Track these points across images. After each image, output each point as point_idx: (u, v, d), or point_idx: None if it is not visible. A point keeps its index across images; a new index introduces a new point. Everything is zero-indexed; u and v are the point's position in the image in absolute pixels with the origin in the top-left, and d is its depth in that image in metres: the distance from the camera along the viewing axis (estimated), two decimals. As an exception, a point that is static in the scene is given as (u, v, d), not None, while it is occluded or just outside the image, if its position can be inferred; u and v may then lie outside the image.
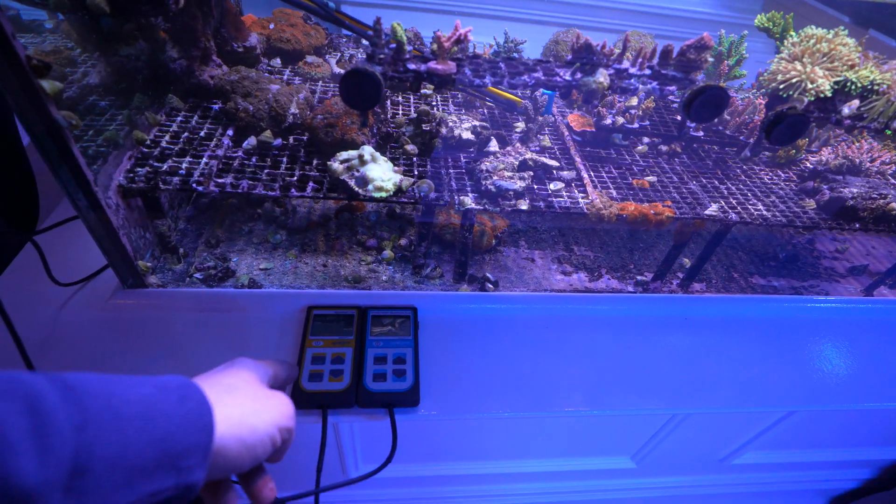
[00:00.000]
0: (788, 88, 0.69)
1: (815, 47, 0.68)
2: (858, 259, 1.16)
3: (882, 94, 0.68)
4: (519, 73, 0.68)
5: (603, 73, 0.66)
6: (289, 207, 1.05)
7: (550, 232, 1.13)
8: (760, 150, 0.91)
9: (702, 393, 0.91)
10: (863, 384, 0.96)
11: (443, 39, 0.64)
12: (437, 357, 0.85)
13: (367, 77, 0.58)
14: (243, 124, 0.85)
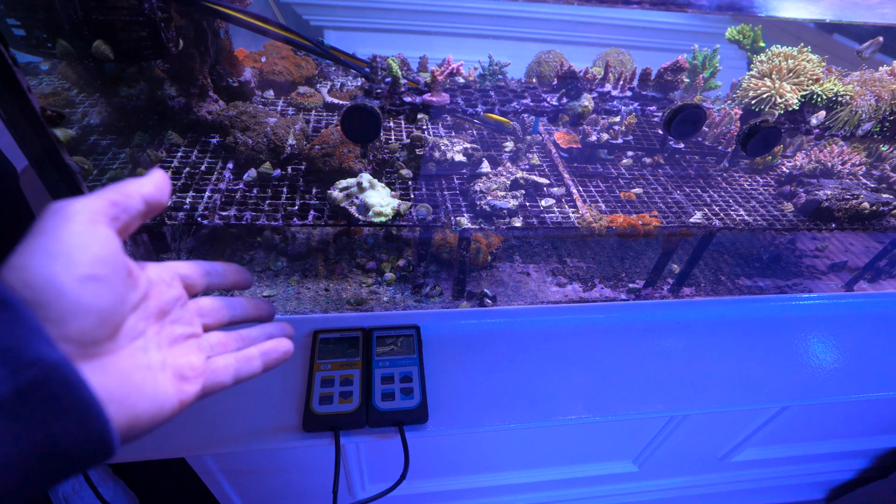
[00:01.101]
0: (760, 103, 0.74)
1: (782, 64, 0.74)
2: (838, 256, 1.21)
3: (846, 105, 0.74)
4: (509, 101, 0.72)
5: (587, 97, 0.71)
6: (288, 235, 1.07)
7: (543, 246, 1.17)
8: (738, 161, 0.96)
9: (698, 393, 0.94)
10: (851, 376, 1.00)
11: (436, 73, 0.68)
12: (441, 373, 0.87)
13: (368, 113, 0.61)
14: (243, 157, 0.88)
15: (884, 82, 0.75)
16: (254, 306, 0.46)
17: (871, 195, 0.96)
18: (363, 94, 0.67)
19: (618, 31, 1.71)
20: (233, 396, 0.80)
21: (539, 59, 1.29)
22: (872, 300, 1.13)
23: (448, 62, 0.69)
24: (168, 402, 0.34)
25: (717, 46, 1.16)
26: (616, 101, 0.72)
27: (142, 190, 0.34)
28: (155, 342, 0.35)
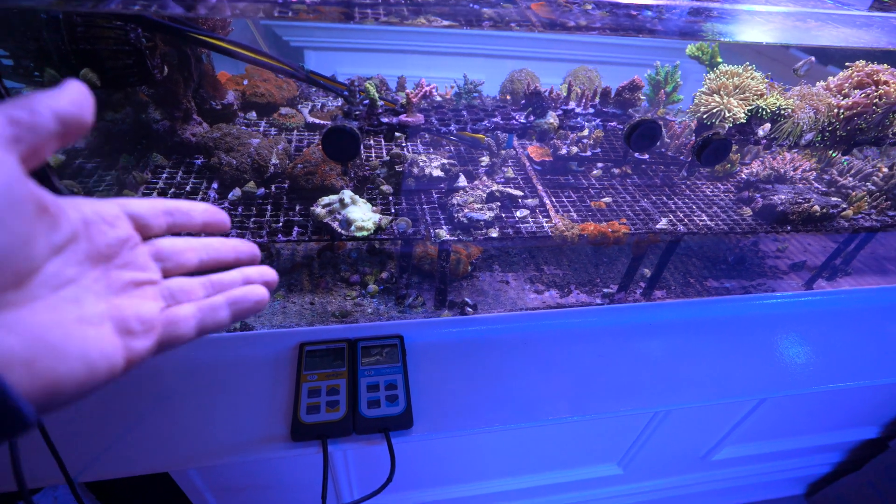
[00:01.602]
0: (711, 117, 0.80)
1: (729, 82, 0.80)
2: (797, 256, 1.28)
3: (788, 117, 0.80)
4: (480, 119, 0.77)
5: (553, 114, 0.76)
6: (273, 251, 1.10)
7: (521, 255, 1.22)
8: (695, 171, 1.02)
9: (677, 390, 0.99)
10: (820, 369, 1.06)
11: (411, 95, 0.72)
12: (426, 381, 0.90)
13: (347, 133, 0.65)
14: (228, 177, 0.91)
15: (820, 96, 0.82)
16: (231, 247, 0.39)
17: (821, 199, 1.04)
18: (343, 116, 0.71)
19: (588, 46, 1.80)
20: (219, 408, 0.81)
21: (512, 77, 1.35)
22: (830, 297, 1.20)
23: (421, 85, 0.74)
24: (106, 360, 0.28)
25: (678, 63, 1.24)
26: (580, 118, 0.78)
27: (53, 105, 0.27)
28: (94, 291, 0.30)
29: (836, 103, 0.80)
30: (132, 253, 0.33)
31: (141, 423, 0.78)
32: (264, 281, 0.39)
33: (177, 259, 0.36)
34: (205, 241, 0.38)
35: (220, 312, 0.35)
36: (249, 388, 0.85)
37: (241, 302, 0.36)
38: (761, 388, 1.02)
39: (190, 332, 0.34)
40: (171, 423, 0.79)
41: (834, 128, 0.81)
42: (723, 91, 0.80)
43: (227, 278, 0.37)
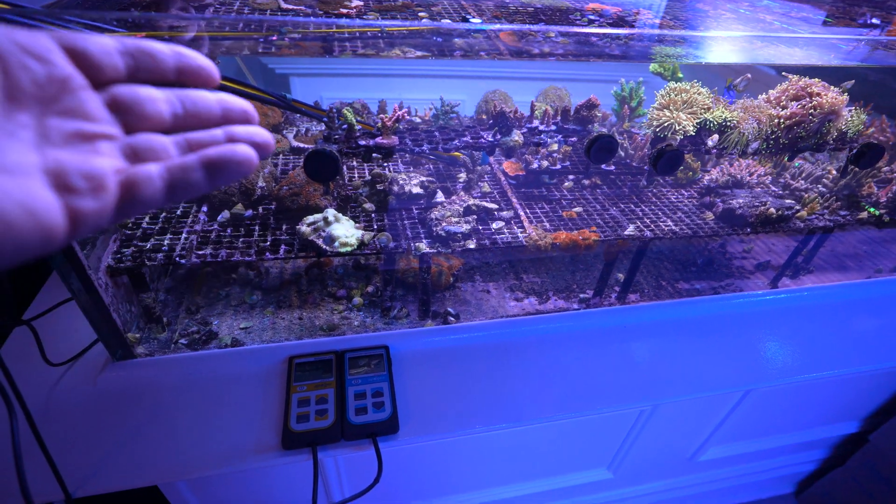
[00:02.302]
0: (663, 130, 0.87)
1: (677, 97, 0.88)
2: (763, 256, 1.35)
3: (734, 128, 0.88)
4: (451, 139, 0.83)
5: (517, 132, 0.82)
6: (262, 269, 1.14)
7: (501, 265, 1.27)
8: (653, 180, 1.09)
9: (658, 388, 1.03)
10: (793, 361, 1.12)
11: (385, 120, 0.79)
12: (411, 388, 0.94)
13: (327, 156, 0.71)
14: (217, 201, 0.96)
15: (761, 108, 0.90)
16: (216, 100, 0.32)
17: (776, 201, 1.11)
18: (323, 140, 0.77)
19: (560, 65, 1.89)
20: (212, 422, 0.85)
21: (486, 97, 1.43)
22: (797, 295, 1.27)
23: (395, 110, 0.80)
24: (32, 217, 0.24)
25: (641, 79, 1.32)
26: (543, 135, 0.84)
27: None
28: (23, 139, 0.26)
29: (775, 114, 0.88)
30: (77, 98, 0.28)
31: (136, 438, 0.81)
32: (253, 141, 0.32)
33: (141, 110, 0.30)
34: (181, 91, 0.32)
35: (194, 173, 0.29)
36: (241, 401, 0.89)
37: (219, 161, 0.30)
38: (740, 381, 1.08)
39: (154, 193, 0.28)
40: (165, 437, 0.82)
41: (776, 136, 0.89)
42: (672, 106, 0.88)
43: (206, 136, 0.31)
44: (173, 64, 0.31)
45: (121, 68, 0.29)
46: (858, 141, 0.94)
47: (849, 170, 1.03)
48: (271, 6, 1.05)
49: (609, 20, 1.12)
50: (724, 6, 1.43)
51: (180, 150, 0.30)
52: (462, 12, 1.10)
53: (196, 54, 0.32)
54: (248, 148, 0.31)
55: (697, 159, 1.17)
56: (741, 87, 0.88)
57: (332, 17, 1.00)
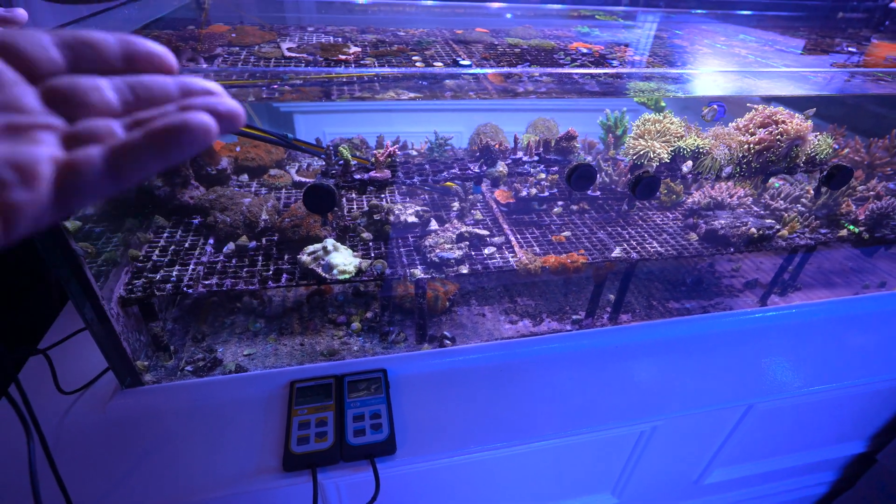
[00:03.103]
0: (640, 158, 0.93)
1: (651, 127, 0.94)
2: (750, 274, 1.39)
3: (707, 154, 0.93)
4: (440, 171, 0.89)
5: (502, 164, 0.88)
6: (265, 298, 1.19)
7: (496, 289, 1.31)
8: (634, 205, 1.14)
9: (656, 406, 1.05)
10: (792, 376, 1.14)
11: (378, 155, 0.85)
12: (408, 410, 0.97)
13: (324, 190, 0.76)
14: (222, 233, 1.02)
15: (731, 135, 0.96)
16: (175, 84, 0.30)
17: (757, 221, 1.15)
18: (321, 175, 0.83)
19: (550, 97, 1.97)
20: (215, 446, 0.88)
21: (479, 130, 1.50)
22: (785, 312, 1.30)
23: (387, 146, 0.87)
24: None
25: (625, 109, 1.40)
26: (526, 165, 0.90)
27: None
28: None
29: (745, 140, 0.94)
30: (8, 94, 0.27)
31: (142, 464, 0.84)
32: (215, 110, 0.28)
33: (83, 100, 0.28)
34: (133, 77, 0.29)
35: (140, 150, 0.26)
36: (244, 425, 0.92)
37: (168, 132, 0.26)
38: (737, 397, 1.10)
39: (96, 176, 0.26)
40: (170, 462, 0.85)
41: (748, 161, 0.94)
42: (647, 135, 0.94)
43: (157, 112, 0.28)
44: (119, 52, 0.29)
45: (59, 61, 0.28)
46: (828, 163, 1.00)
47: (822, 191, 1.08)
48: (275, 55, 1.13)
49: (591, 59, 1.19)
50: (702, 41, 1.52)
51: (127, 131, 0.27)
52: (453, 55, 1.18)
53: (147, 40, 0.30)
54: (203, 115, 0.27)
55: (681, 183, 1.23)
56: (709, 117, 0.95)
57: (332, 62, 1.09)
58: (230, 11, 1.65)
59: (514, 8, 2.09)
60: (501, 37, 1.47)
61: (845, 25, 1.99)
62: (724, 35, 1.67)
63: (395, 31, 1.51)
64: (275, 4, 2.05)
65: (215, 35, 1.24)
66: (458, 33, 1.48)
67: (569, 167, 0.88)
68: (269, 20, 1.71)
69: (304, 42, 1.28)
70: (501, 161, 0.89)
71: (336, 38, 1.35)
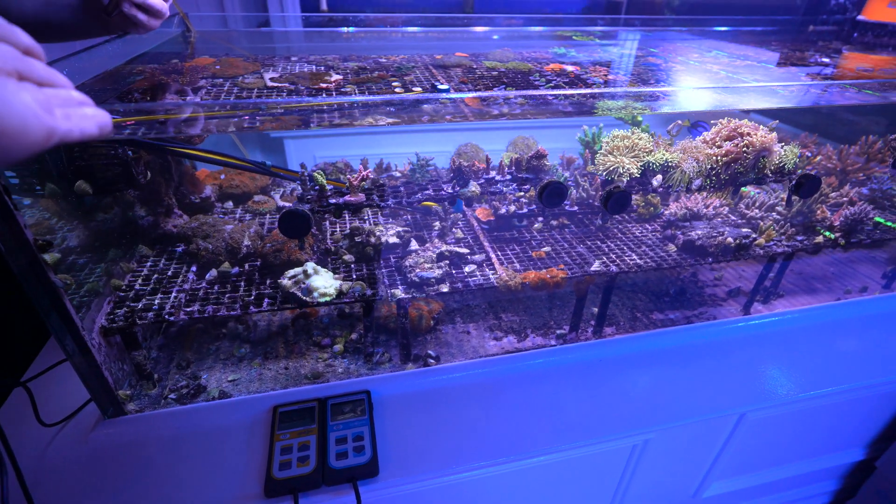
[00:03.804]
0: (611, 174, 0.95)
1: (620, 143, 0.97)
2: (733, 283, 1.40)
3: (676, 168, 0.96)
4: (414, 193, 0.91)
5: (474, 184, 0.91)
6: (250, 323, 1.20)
7: (480, 306, 1.32)
8: (608, 219, 1.16)
9: (646, 418, 1.05)
10: (780, 384, 1.14)
11: (352, 180, 0.87)
12: (393, 431, 0.97)
13: (298, 216, 0.78)
14: (205, 260, 1.03)
15: (699, 148, 0.98)
16: None
17: (734, 231, 1.17)
18: (297, 200, 0.85)
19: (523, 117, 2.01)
20: (198, 474, 0.87)
21: (459, 150, 1.53)
22: (769, 320, 1.31)
23: (360, 171, 0.89)
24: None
25: (601, 125, 1.43)
26: (499, 184, 0.93)
27: None
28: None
29: (712, 153, 0.96)
30: None
31: (124, 494, 0.84)
32: None
33: None
34: None
35: None
36: (227, 451, 0.92)
37: None
38: (727, 405, 1.10)
39: None
40: (152, 492, 0.85)
41: (717, 173, 0.97)
42: (616, 151, 0.96)
43: None
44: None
45: None
46: (797, 173, 1.02)
47: (792, 199, 1.10)
48: (258, 85, 1.17)
49: (566, 79, 1.23)
50: (676, 59, 1.56)
51: None
52: (432, 80, 1.22)
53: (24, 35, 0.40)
54: None
55: (657, 195, 1.25)
56: (674, 132, 0.97)
57: (314, 91, 1.12)
58: (216, 44, 1.70)
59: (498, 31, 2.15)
60: (480, 60, 1.51)
61: (816, 38, 2.05)
62: (698, 52, 1.71)
63: (377, 58, 1.55)
64: (263, 36, 2.11)
65: (198, 67, 1.28)
66: (437, 58, 1.53)
67: (540, 185, 0.90)
68: (258, 51, 1.76)
69: (287, 71, 1.32)
70: (474, 181, 0.92)
71: (319, 67, 1.39)
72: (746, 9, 2.85)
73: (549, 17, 3.42)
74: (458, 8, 3.79)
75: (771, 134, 0.97)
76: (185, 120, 0.81)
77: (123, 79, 1.07)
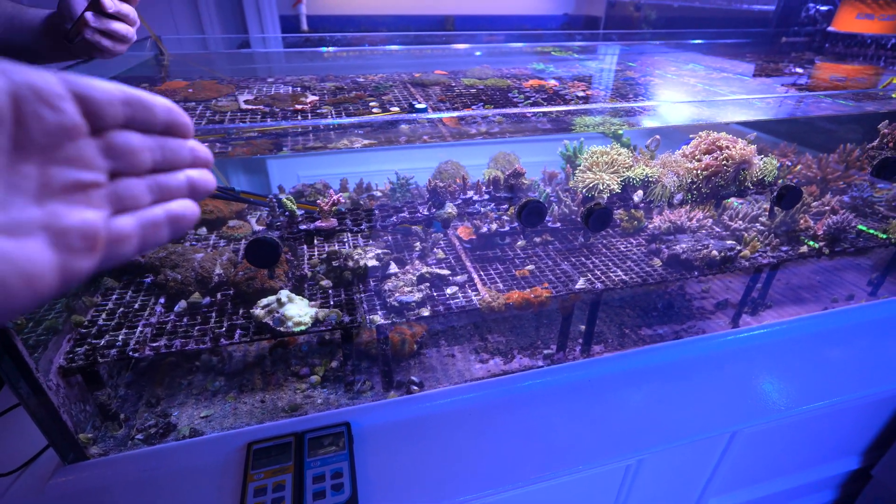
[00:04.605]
0: (590, 190, 0.93)
1: (599, 159, 0.95)
2: (721, 295, 1.38)
3: (657, 183, 0.94)
4: (389, 216, 0.88)
5: (450, 205, 0.88)
6: (224, 355, 1.15)
7: (466, 327, 1.29)
8: (590, 237, 1.14)
9: (639, 439, 1.02)
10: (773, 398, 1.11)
11: (322, 205, 0.84)
12: (373, 465, 0.92)
13: (266, 244, 0.75)
14: (174, 291, 0.99)
15: (679, 162, 0.97)
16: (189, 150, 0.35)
17: (718, 243, 1.16)
18: (266, 227, 0.81)
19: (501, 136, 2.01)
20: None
21: (440, 168, 1.51)
22: (757, 332, 1.29)
23: (331, 195, 0.86)
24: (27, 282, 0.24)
25: (582, 140, 1.42)
26: (477, 204, 0.90)
27: None
28: (24, 191, 0.25)
29: (692, 167, 0.95)
30: (78, 146, 0.27)
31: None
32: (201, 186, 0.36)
33: (131, 160, 0.31)
34: (163, 140, 0.33)
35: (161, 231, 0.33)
36: (196, 495, 0.86)
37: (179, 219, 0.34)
38: (721, 424, 1.07)
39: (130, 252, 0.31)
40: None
41: (698, 186, 0.95)
42: (595, 167, 0.94)
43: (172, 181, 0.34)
44: (164, 119, 0.33)
45: (120, 117, 0.30)
46: (777, 183, 1.01)
47: (774, 210, 1.09)
48: (232, 108, 1.14)
49: (544, 96, 1.22)
50: (653, 72, 1.57)
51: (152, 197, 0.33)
52: (410, 98, 1.20)
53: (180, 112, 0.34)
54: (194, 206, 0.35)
55: (641, 210, 1.24)
56: (652, 146, 0.96)
57: (289, 112, 1.09)
58: (191, 67, 1.67)
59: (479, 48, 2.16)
60: (459, 78, 1.50)
61: (789, 49, 2.09)
62: (675, 65, 1.73)
63: (355, 77, 1.54)
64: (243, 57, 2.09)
65: (169, 91, 1.24)
66: (416, 76, 1.52)
67: (519, 204, 0.88)
68: (237, 72, 1.73)
69: (263, 93, 1.29)
70: (450, 202, 0.89)
71: (295, 88, 1.37)
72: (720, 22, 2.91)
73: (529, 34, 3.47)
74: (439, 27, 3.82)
75: (750, 146, 0.96)
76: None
77: (88, 105, 1.04)
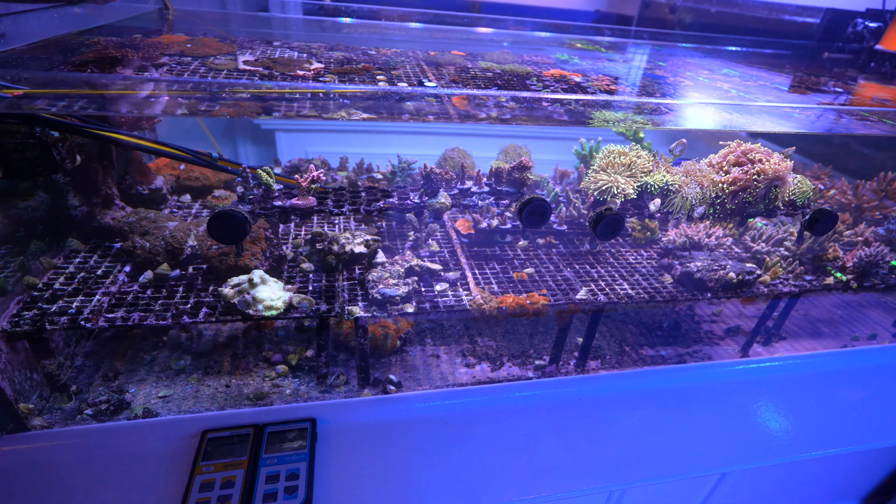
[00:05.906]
0: (603, 194, 0.84)
1: (616, 160, 0.85)
2: (733, 320, 1.29)
3: (677, 192, 0.84)
4: (376, 200, 0.80)
5: (444, 194, 0.79)
6: (194, 332, 1.07)
7: (455, 327, 1.20)
8: (597, 244, 1.05)
9: (622, 468, 0.93)
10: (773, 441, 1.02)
11: (301, 181, 0.75)
12: (335, 469, 0.85)
13: (231, 217, 0.66)
14: (140, 260, 0.91)
15: (704, 172, 0.87)
16: None
17: (737, 265, 1.06)
18: (237, 200, 0.73)
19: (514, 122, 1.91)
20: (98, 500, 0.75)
21: (445, 154, 1.42)
22: (768, 365, 1.19)
23: (311, 171, 0.77)
24: None
25: (600, 139, 1.32)
26: (474, 196, 0.81)
27: None
28: None
29: (718, 179, 0.85)
30: None
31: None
32: None
33: None
34: None
35: None
36: (140, 482, 0.79)
37: None
38: (712, 463, 0.99)
39: None
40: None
41: (722, 201, 0.85)
42: (611, 169, 0.85)
43: None
44: None
45: None
46: (810, 206, 0.91)
47: (805, 236, 0.99)
48: (228, 67, 1.05)
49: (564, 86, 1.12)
50: (685, 73, 1.46)
51: None
52: (421, 76, 1.10)
53: None
54: None
55: (655, 220, 1.14)
56: (676, 151, 0.86)
57: (288, 78, 1.00)
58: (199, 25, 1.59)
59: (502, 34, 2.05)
60: (476, 60, 1.40)
61: (831, 65, 1.95)
62: (708, 69, 1.61)
63: (366, 49, 1.44)
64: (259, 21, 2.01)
65: (161, 44, 1.16)
66: (431, 55, 1.42)
67: (520, 201, 0.79)
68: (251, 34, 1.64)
69: (266, 56, 1.20)
70: (444, 192, 0.80)
71: (301, 54, 1.28)
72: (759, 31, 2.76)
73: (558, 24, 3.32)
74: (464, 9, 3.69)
75: (786, 162, 0.85)
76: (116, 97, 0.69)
77: (71, 50, 0.96)
